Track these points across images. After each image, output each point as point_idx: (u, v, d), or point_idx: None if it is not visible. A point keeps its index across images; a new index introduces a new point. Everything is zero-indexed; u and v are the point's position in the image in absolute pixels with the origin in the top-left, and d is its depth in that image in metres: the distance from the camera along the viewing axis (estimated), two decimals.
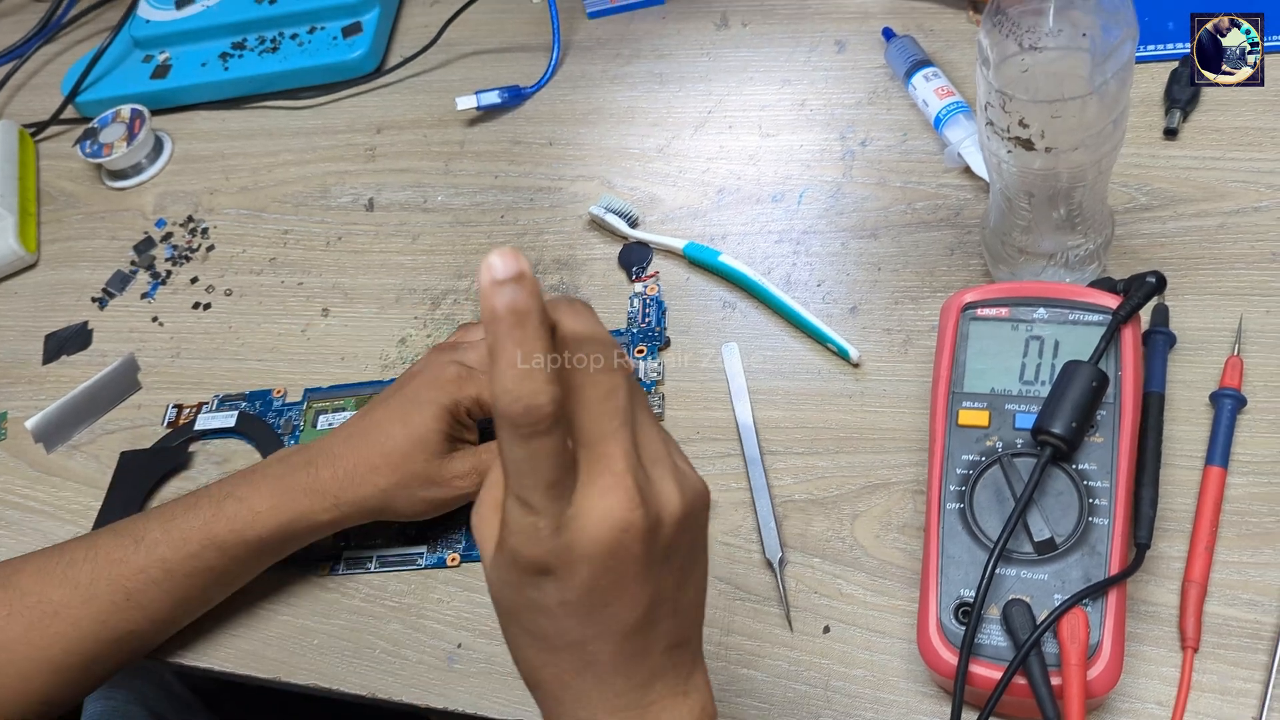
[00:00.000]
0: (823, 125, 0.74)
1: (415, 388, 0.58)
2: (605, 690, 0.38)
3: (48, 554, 0.58)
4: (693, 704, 0.40)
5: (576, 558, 0.35)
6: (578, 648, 0.37)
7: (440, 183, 0.80)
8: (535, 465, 0.34)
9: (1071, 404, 0.50)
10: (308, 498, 0.57)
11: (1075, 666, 0.45)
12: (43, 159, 0.94)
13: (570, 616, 0.36)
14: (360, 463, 0.57)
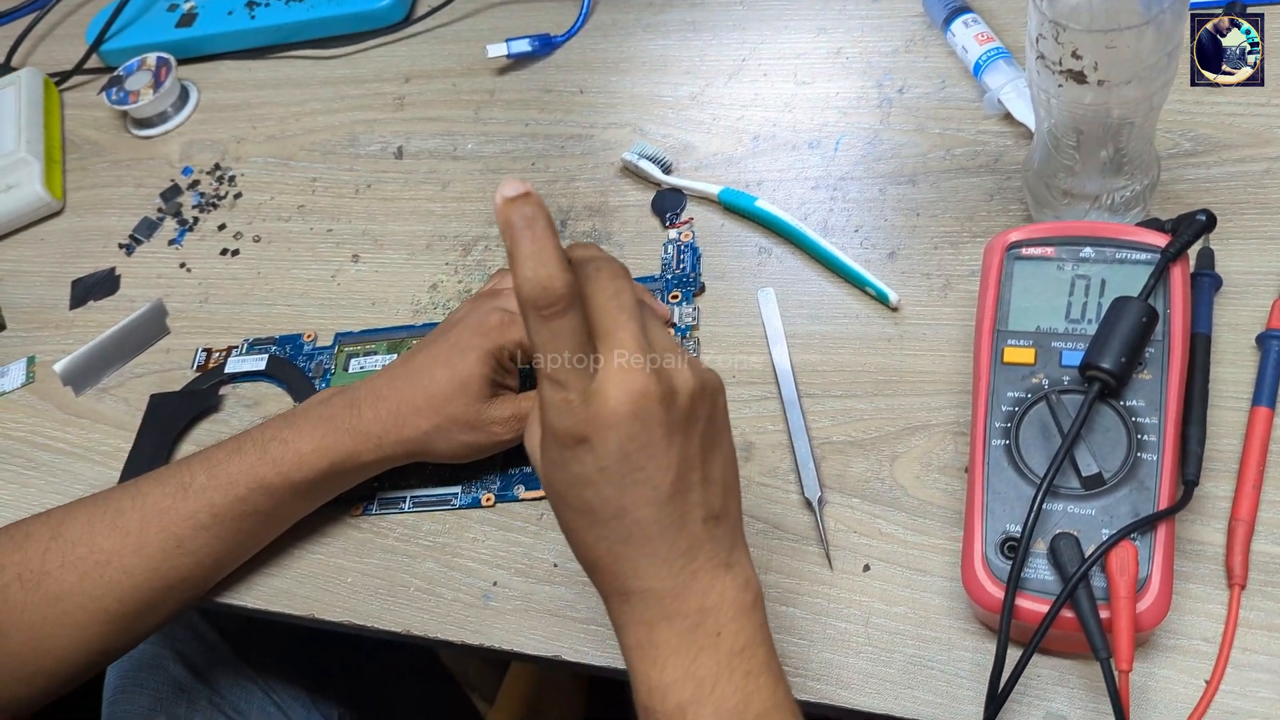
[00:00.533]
0: (859, 73, 0.73)
1: (459, 333, 0.58)
2: (652, 559, 0.42)
3: (93, 504, 0.57)
4: (735, 576, 0.44)
5: (605, 424, 0.40)
6: (621, 517, 0.42)
7: (470, 130, 0.80)
8: (557, 343, 0.40)
9: (1121, 339, 0.49)
10: (352, 438, 0.57)
11: (1124, 599, 0.45)
12: (67, 108, 0.94)
13: (609, 484, 0.41)
14: (404, 404, 0.57)
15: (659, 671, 0.42)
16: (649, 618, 0.43)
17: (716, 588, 0.43)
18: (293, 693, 0.74)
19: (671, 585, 0.42)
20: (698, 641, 0.42)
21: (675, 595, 0.42)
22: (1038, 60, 0.52)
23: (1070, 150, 0.56)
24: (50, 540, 0.56)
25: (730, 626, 0.43)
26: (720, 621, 0.43)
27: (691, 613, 0.42)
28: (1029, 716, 0.48)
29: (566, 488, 0.42)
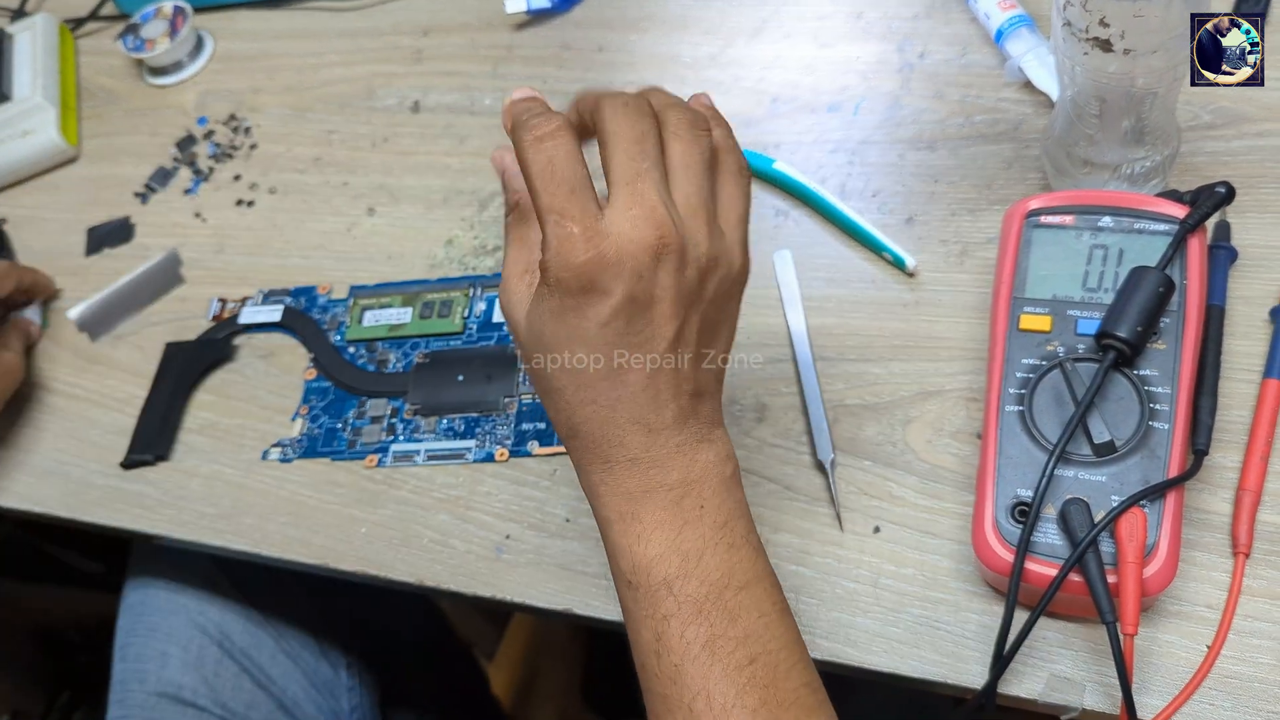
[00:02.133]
0: (880, 37, 0.73)
1: None
2: (639, 427, 0.41)
3: None
4: (717, 449, 0.43)
5: (614, 270, 0.38)
6: (612, 378, 0.40)
7: (488, 86, 0.80)
8: (554, 168, 0.38)
9: (1137, 308, 0.49)
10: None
11: (1132, 563, 0.46)
12: (82, 55, 0.93)
13: (606, 341, 0.40)
14: None
15: (643, 545, 0.42)
16: (632, 489, 0.42)
17: (700, 461, 0.42)
18: (301, 640, 0.75)
19: (656, 455, 0.42)
20: (683, 515, 0.42)
21: (660, 466, 0.42)
22: (1064, 27, 0.52)
23: (1092, 119, 0.56)
24: None
25: (713, 500, 0.42)
26: (704, 495, 0.42)
27: (676, 485, 0.42)
28: (1034, 678, 0.49)
29: (559, 343, 0.40)
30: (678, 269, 0.39)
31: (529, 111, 0.40)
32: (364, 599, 0.81)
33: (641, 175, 0.39)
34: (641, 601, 0.42)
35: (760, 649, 0.41)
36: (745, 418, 0.59)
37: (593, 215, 0.38)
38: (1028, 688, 0.49)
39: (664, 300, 0.40)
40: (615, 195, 0.39)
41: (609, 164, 0.40)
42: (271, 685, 0.73)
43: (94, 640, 1.08)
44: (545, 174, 0.38)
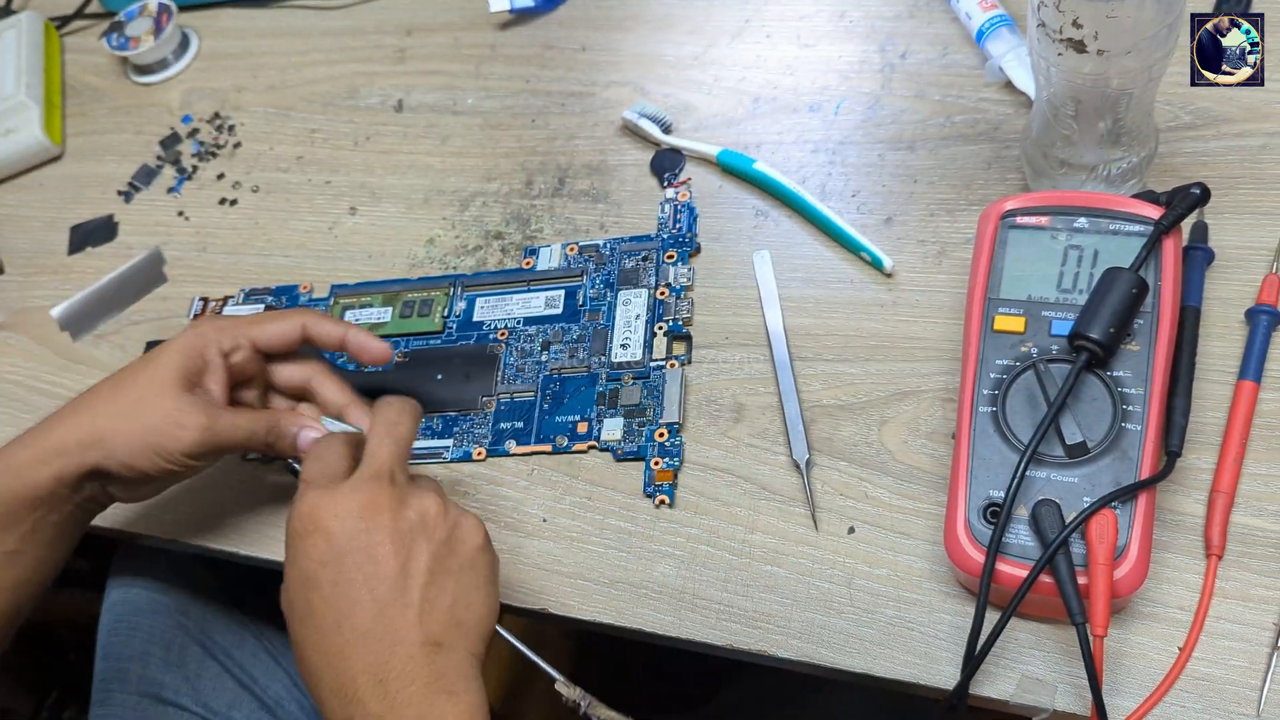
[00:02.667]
0: (862, 37, 0.73)
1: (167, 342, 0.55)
2: (369, 676, 0.45)
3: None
4: (458, 703, 0.45)
5: (335, 512, 0.46)
6: (339, 624, 0.46)
7: (471, 85, 0.80)
8: (323, 454, 0.50)
9: (1110, 310, 0.49)
10: (21, 450, 0.52)
11: (1103, 565, 0.46)
12: (67, 53, 0.93)
13: (329, 581, 0.46)
14: (80, 402, 0.53)
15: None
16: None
17: (435, 713, 0.44)
18: (284, 639, 0.75)
19: (389, 707, 0.43)
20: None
21: (391, 716, 0.43)
22: (1038, 28, 0.52)
23: (1068, 120, 0.56)
24: None
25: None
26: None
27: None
28: (1005, 679, 0.49)
29: (296, 589, 0.46)
30: (396, 516, 0.46)
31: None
32: None
33: (384, 448, 0.49)
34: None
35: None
36: (722, 417, 0.59)
37: (339, 477, 0.48)
38: (999, 688, 0.49)
39: (383, 542, 0.46)
40: (361, 464, 0.49)
41: (368, 443, 0.49)
42: (254, 684, 0.73)
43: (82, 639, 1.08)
44: (314, 454, 0.50)
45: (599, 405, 0.61)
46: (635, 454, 0.58)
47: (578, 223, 0.70)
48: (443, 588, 0.46)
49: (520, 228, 0.71)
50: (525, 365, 0.64)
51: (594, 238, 0.68)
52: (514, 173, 0.74)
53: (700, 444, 0.59)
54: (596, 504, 0.58)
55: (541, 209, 0.71)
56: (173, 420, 0.52)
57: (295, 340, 0.57)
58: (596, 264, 0.67)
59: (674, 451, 0.58)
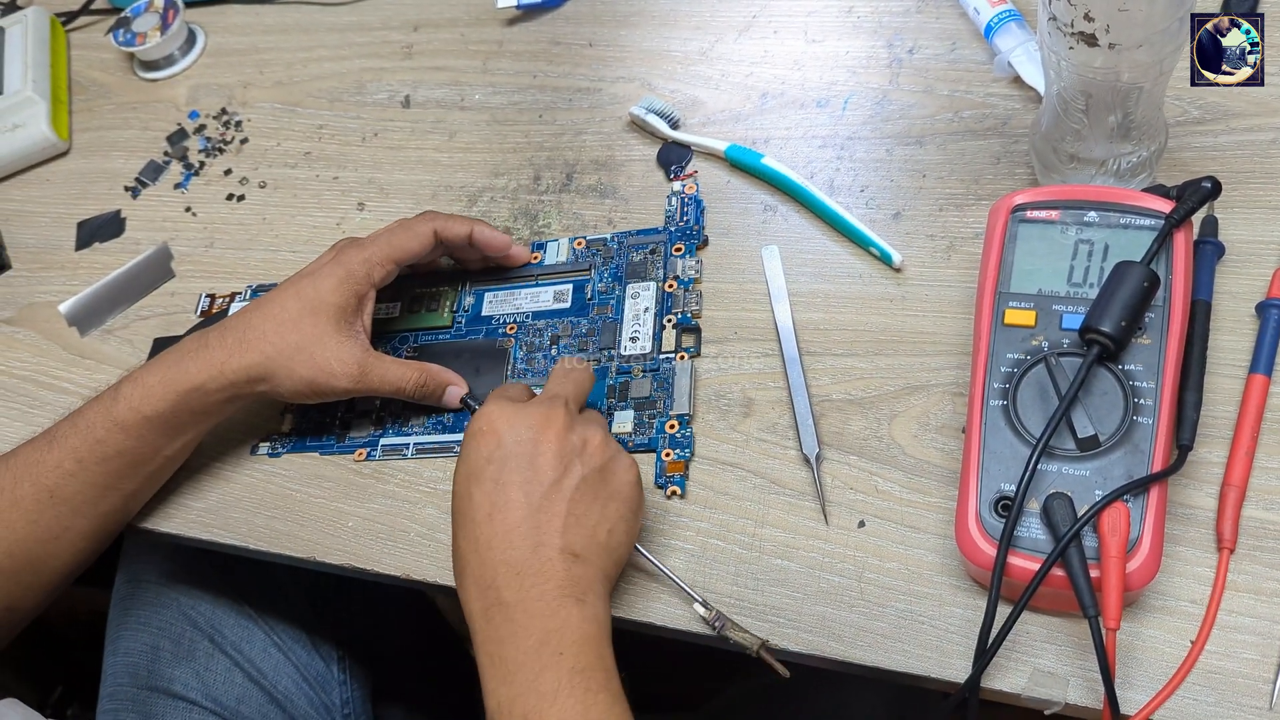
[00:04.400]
0: (870, 32, 0.73)
1: (316, 264, 0.62)
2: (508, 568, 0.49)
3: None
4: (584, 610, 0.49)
5: (507, 421, 0.52)
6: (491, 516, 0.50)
7: (478, 81, 0.80)
8: (507, 390, 0.55)
9: (1121, 303, 0.49)
10: (194, 365, 0.58)
11: (1115, 558, 0.46)
12: (74, 49, 0.93)
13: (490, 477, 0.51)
14: (250, 329, 0.59)
15: (506, 686, 0.46)
16: (500, 635, 0.47)
17: (562, 614, 0.47)
18: (293, 634, 0.75)
19: (521, 599, 0.47)
20: (541, 659, 0.46)
21: (524, 611, 0.47)
22: (1049, 22, 0.52)
23: (1079, 114, 0.56)
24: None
25: (572, 649, 0.46)
26: (563, 643, 0.46)
27: (535, 631, 0.47)
28: (1017, 672, 0.49)
29: (463, 480, 0.50)
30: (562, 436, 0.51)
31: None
32: (356, 593, 0.81)
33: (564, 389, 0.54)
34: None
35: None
36: (732, 412, 0.59)
37: (516, 401, 0.53)
38: (1011, 682, 0.49)
39: (546, 453, 0.50)
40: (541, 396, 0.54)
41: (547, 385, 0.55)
42: (263, 679, 0.73)
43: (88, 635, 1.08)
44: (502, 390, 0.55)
45: (609, 398, 0.61)
46: (646, 446, 0.58)
47: (585, 218, 0.70)
48: (590, 507, 0.50)
49: (528, 223, 0.71)
50: (535, 359, 0.64)
51: (602, 232, 0.68)
52: (521, 168, 0.74)
53: (710, 438, 0.59)
54: None
55: (549, 204, 0.71)
56: (329, 369, 0.59)
57: (431, 247, 0.64)
58: (604, 258, 0.67)
59: (685, 443, 0.58)
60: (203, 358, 0.58)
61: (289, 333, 0.58)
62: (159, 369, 0.59)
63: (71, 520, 0.58)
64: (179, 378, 0.58)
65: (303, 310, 0.59)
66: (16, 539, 0.58)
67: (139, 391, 0.58)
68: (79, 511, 0.58)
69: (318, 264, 0.62)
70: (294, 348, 0.58)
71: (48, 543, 0.58)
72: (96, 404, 0.59)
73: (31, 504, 0.57)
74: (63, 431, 0.58)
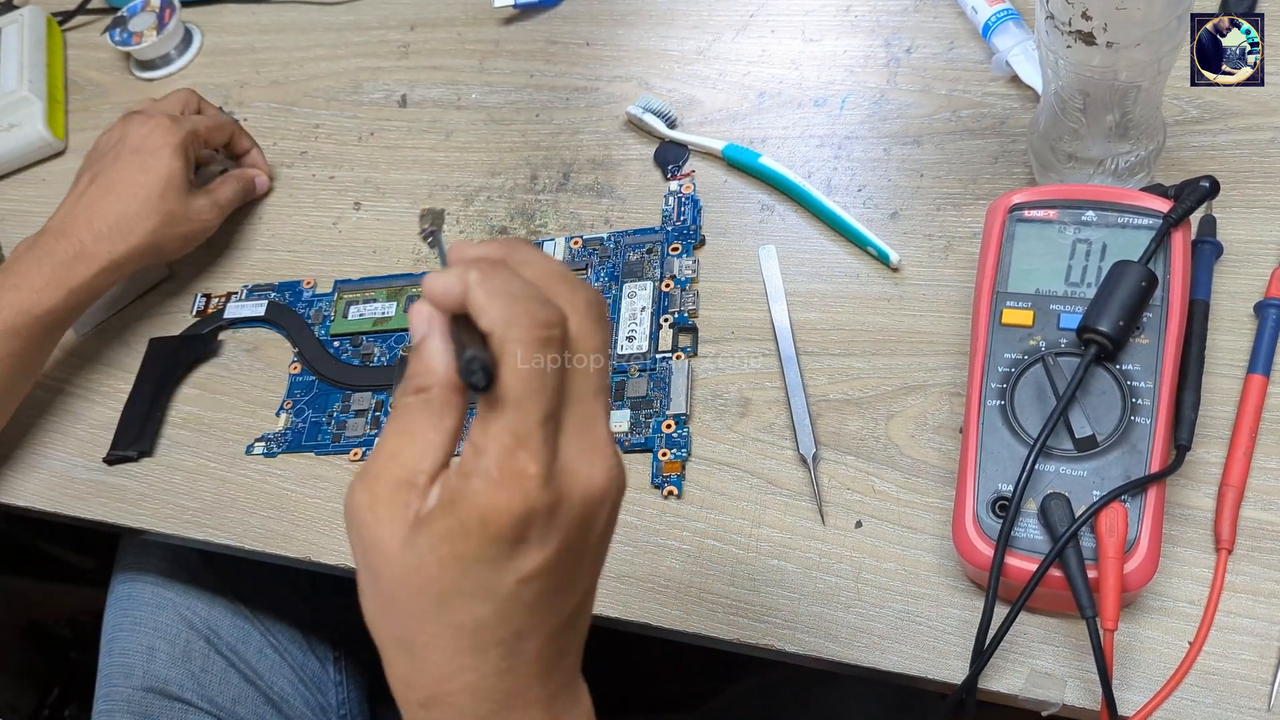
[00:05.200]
0: (867, 31, 0.72)
1: (137, 142, 0.68)
2: (516, 701, 0.34)
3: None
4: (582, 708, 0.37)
5: (560, 517, 0.31)
6: (510, 643, 0.32)
7: (475, 81, 0.79)
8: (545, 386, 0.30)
9: (1119, 303, 0.49)
10: (81, 264, 0.63)
11: (1113, 559, 0.45)
12: (70, 48, 0.93)
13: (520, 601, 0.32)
14: (123, 214, 0.65)
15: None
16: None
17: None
18: (289, 635, 0.75)
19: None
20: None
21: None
22: (1047, 20, 0.51)
23: (1076, 113, 0.55)
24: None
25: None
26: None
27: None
28: (1014, 673, 0.49)
29: (457, 595, 0.31)
30: (611, 514, 0.33)
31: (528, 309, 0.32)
32: (352, 594, 0.80)
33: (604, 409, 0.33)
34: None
35: None
36: (728, 412, 0.59)
37: (553, 451, 0.31)
38: (1008, 683, 0.48)
39: (590, 548, 0.33)
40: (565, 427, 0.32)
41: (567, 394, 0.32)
42: (259, 680, 0.73)
43: (85, 636, 1.08)
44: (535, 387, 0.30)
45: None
46: (642, 446, 0.58)
47: (582, 217, 0.70)
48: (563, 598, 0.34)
49: (525, 222, 0.71)
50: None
51: (598, 232, 0.68)
52: (518, 167, 0.74)
53: (706, 438, 0.58)
54: None
55: (546, 204, 0.71)
56: (202, 219, 0.70)
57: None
58: (601, 257, 0.67)
59: (681, 443, 0.58)
60: (82, 254, 0.63)
61: (160, 205, 0.66)
62: (37, 273, 0.62)
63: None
64: (64, 278, 0.62)
65: (159, 183, 0.66)
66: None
67: (25, 297, 0.62)
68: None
69: (137, 136, 0.68)
70: (170, 216, 0.66)
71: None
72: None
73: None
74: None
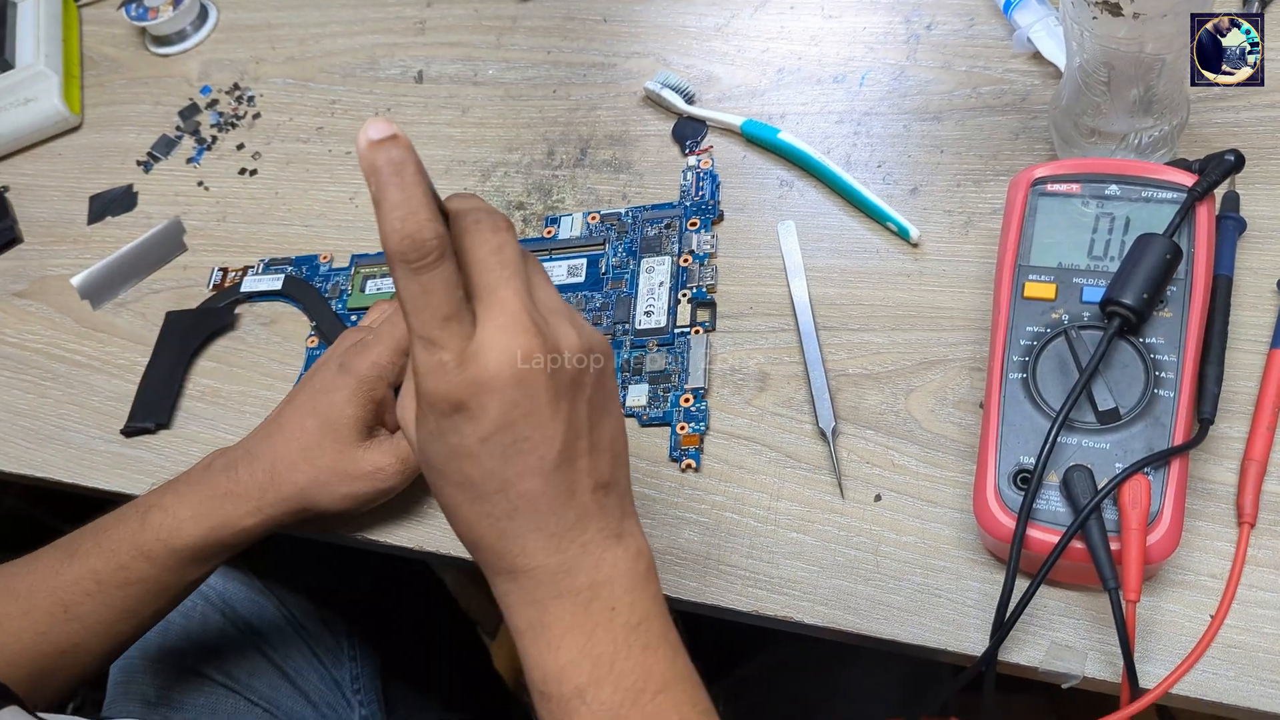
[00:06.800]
0: (887, 8, 0.72)
1: (323, 375, 0.56)
2: (540, 534, 0.40)
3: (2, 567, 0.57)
4: (627, 546, 0.42)
5: (485, 388, 0.38)
6: (505, 490, 0.39)
7: (491, 57, 0.79)
8: (429, 299, 0.37)
9: (1143, 276, 0.49)
10: (230, 503, 0.55)
11: (1136, 530, 0.45)
12: (86, 24, 0.93)
13: (490, 455, 0.39)
14: (278, 460, 0.55)
15: (553, 654, 0.40)
16: (539, 597, 0.41)
17: (608, 559, 0.41)
18: (304, 609, 0.75)
19: (561, 561, 0.40)
20: (592, 618, 0.40)
21: (566, 571, 0.40)
22: None
23: (1100, 87, 0.55)
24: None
25: (625, 600, 0.41)
26: (614, 595, 0.41)
27: (583, 589, 0.40)
28: (1035, 646, 0.49)
29: (444, 461, 0.40)
30: (553, 371, 0.39)
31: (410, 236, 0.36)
32: (367, 570, 0.81)
33: (503, 283, 0.39)
34: (556, 712, 0.40)
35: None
36: (747, 386, 0.59)
37: (463, 338, 0.38)
38: (1028, 655, 0.48)
39: (544, 405, 0.39)
40: (480, 309, 0.39)
41: (470, 277, 0.39)
42: (274, 653, 0.73)
43: None
44: (419, 301, 0.37)
45: (624, 372, 0.60)
46: (661, 419, 0.58)
47: (600, 193, 0.70)
48: (603, 427, 0.41)
49: (542, 198, 0.71)
50: None
51: (616, 207, 0.68)
52: (535, 143, 0.73)
53: (725, 412, 0.58)
54: None
55: (563, 179, 0.71)
56: (370, 477, 0.55)
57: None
58: (619, 232, 0.66)
59: (700, 417, 0.58)
60: (234, 494, 0.55)
61: (316, 456, 0.54)
62: (189, 501, 0.55)
63: (82, 638, 0.55)
64: (211, 513, 0.55)
65: (323, 430, 0.55)
66: (22, 648, 0.54)
67: (168, 523, 0.55)
68: (92, 631, 0.55)
69: (326, 374, 0.56)
70: (327, 471, 0.54)
71: (53, 657, 0.55)
72: (121, 525, 0.56)
73: (43, 616, 0.55)
74: (85, 547, 0.56)
